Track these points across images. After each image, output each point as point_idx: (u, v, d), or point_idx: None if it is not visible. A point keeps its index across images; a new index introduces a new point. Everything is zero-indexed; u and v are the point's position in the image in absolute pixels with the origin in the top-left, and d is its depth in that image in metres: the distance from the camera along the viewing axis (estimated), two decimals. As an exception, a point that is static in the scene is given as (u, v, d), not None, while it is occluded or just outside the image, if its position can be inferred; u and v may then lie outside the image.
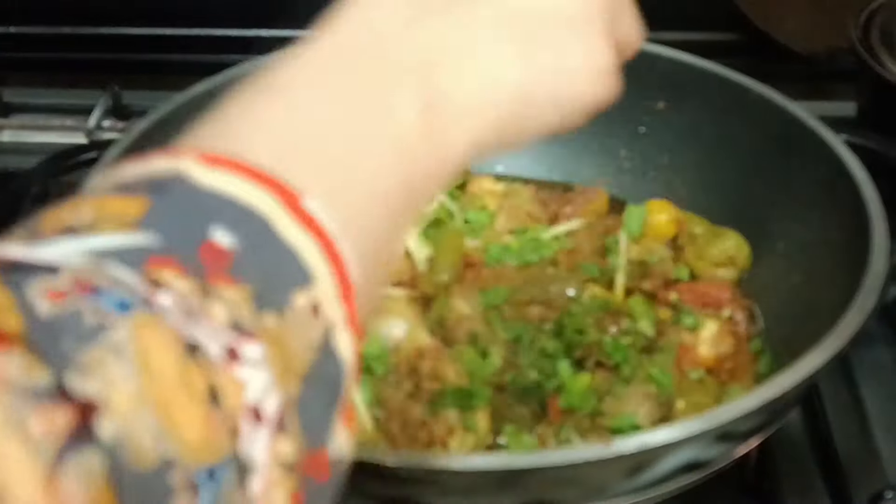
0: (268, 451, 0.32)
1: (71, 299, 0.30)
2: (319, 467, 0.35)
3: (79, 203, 0.35)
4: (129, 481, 0.29)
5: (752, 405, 0.68)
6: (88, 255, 0.31)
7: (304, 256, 0.35)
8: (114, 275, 0.31)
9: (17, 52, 1.40)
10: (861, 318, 0.75)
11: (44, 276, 0.30)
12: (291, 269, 0.35)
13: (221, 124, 0.41)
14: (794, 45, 1.35)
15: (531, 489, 0.68)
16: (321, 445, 0.35)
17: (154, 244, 0.33)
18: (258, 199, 0.35)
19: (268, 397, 0.32)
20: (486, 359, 0.88)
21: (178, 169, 0.36)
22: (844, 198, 0.87)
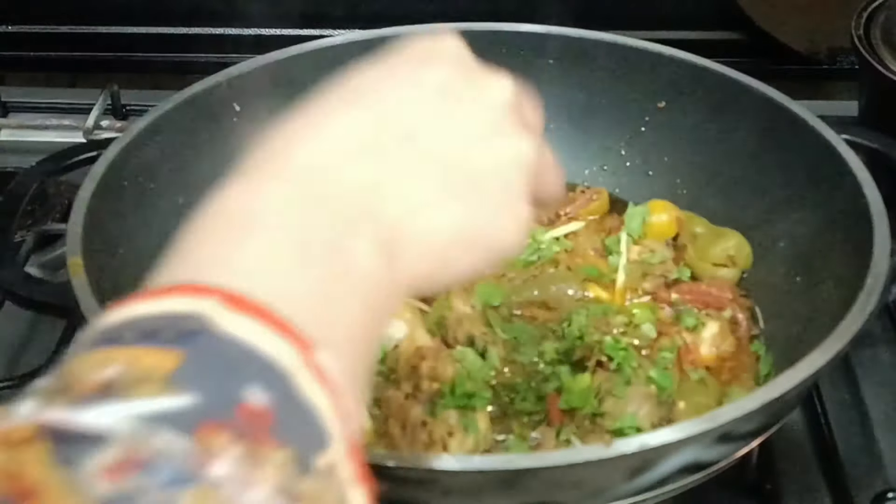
0: None
1: (126, 478, 0.30)
2: None
3: (110, 355, 0.34)
4: None
5: (752, 406, 0.68)
6: (137, 420, 0.32)
7: (323, 417, 0.36)
8: (165, 443, 0.31)
9: (16, 51, 1.40)
10: (862, 318, 0.74)
11: (95, 450, 0.30)
12: (315, 430, 0.36)
13: (200, 257, 0.41)
14: (796, 44, 1.34)
15: (531, 490, 0.68)
16: None
17: (199, 406, 0.33)
18: (280, 352, 0.36)
19: None
20: (486, 359, 0.87)
21: (201, 312, 0.36)
22: (846, 197, 0.87)
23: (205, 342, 0.35)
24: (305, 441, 0.35)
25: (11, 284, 0.83)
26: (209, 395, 0.33)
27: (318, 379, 0.37)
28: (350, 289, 0.42)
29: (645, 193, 1.07)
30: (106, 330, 0.36)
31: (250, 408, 0.34)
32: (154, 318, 0.36)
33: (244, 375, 0.35)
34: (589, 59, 1.06)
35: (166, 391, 0.33)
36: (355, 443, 0.38)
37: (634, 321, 0.93)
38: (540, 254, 1.00)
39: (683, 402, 0.84)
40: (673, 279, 0.99)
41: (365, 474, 0.38)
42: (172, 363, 0.34)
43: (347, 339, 0.41)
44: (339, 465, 0.36)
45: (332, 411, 0.37)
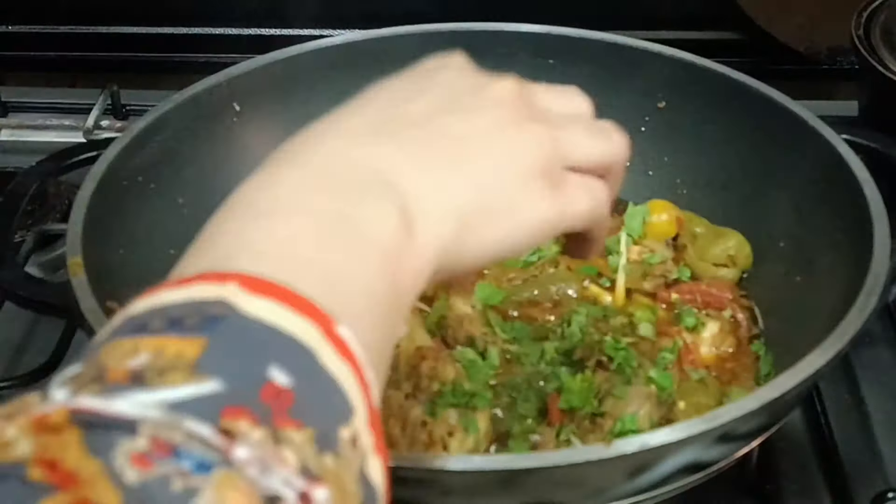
0: None
1: (155, 465, 0.31)
2: None
3: (138, 344, 0.36)
4: None
5: (753, 406, 0.68)
6: (163, 408, 0.33)
7: (345, 389, 0.38)
8: (190, 430, 0.33)
9: (15, 51, 1.40)
10: (862, 318, 0.74)
11: (125, 437, 0.32)
12: (338, 403, 0.37)
13: (221, 249, 0.42)
14: (796, 44, 1.34)
15: (531, 490, 0.68)
16: None
17: (223, 392, 0.34)
18: (303, 330, 0.37)
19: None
20: (486, 359, 0.87)
21: (223, 297, 0.37)
22: (846, 197, 0.87)
23: (227, 327, 0.36)
24: (328, 416, 0.36)
25: (11, 284, 0.83)
26: (232, 380, 0.35)
27: (340, 352, 0.38)
28: (368, 258, 0.43)
29: (645, 193, 1.07)
30: (134, 317, 0.38)
31: (274, 387, 0.35)
32: (179, 305, 0.37)
33: (267, 356, 0.36)
34: (589, 59, 1.06)
35: (191, 379, 0.34)
36: (375, 410, 0.40)
37: (634, 321, 0.93)
38: (540, 254, 1.00)
39: (683, 403, 0.84)
40: (673, 279, 0.99)
41: (382, 444, 0.39)
42: (197, 350, 0.35)
43: (367, 308, 0.42)
44: (361, 435, 0.38)
45: (354, 382, 0.38)
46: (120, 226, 0.89)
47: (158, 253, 0.86)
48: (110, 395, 0.33)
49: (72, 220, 0.83)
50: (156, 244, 0.88)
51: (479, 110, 0.51)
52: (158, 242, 0.88)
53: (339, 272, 0.42)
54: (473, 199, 0.49)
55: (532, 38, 1.07)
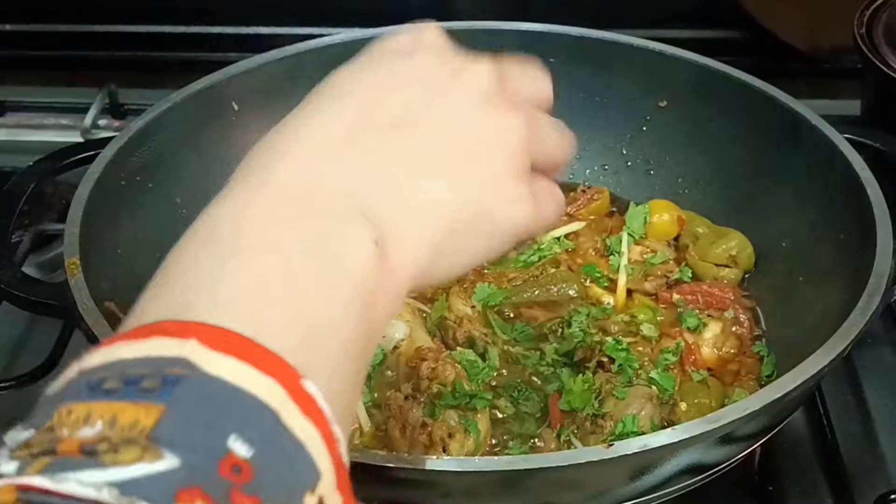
0: None
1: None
2: None
3: (92, 409, 0.34)
4: None
5: (755, 407, 0.68)
6: (116, 488, 0.32)
7: (310, 451, 0.36)
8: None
9: (13, 50, 1.40)
10: (865, 318, 0.74)
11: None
12: (302, 469, 0.36)
13: (184, 290, 0.40)
14: (798, 43, 1.34)
15: (532, 491, 0.68)
16: None
17: (178, 470, 0.33)
18: (266, 389, 0.36)
19: None
20: (486, 360, 0.87)
21: (183, 356, 0.36)
22: (848, 197, 0.87)
23: (187, 391, 0.35)
24: (290, 485, 0.35)
25: (8, 285, 0.82)
26: (190, 455, 0.33)
27: (305, 410, 0.36)
28: (342, 299, 0.41)
29: (646, 193, 1.07)
30: (89, 372, 0.36)
31: (233, 460, 0.34)
32: (137, 362, 0.36)
33: (228, 424, 0.34)
34: (590, 58, 1.06)
35: (146, 455, 0.33)
36: (343, 468, 0.38)
37: (636, 322, 0.92)
38: (541, 254, 0.99)
39: (685, 403, 0.84)
40: (674, 279, 0.98)
41: (351, 501, 0.38)
42: (153, 418, 0.34)
43: (339, 354, 0.40)
44: (328, 499, 0.36)
45: (321, 442, 0.37)
46: (118, 226, 0.88)
47: (156, 253, 0.86)
48: (61, 472, 0.32)
49: (69, 220, 0.83)
50: (154, 244, 0.87)
51: (457, 106, 0.49)
52: (156, 242, 0.87)
53: (310, 318, 0.40)
54: (452, 217, 0.47)
55: (532, 37, 1.07)
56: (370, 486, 0.68)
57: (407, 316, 0.91)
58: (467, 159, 0.48)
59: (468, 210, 0.48)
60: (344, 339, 0.41)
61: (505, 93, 0.51)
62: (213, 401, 0.35)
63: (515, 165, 0.50)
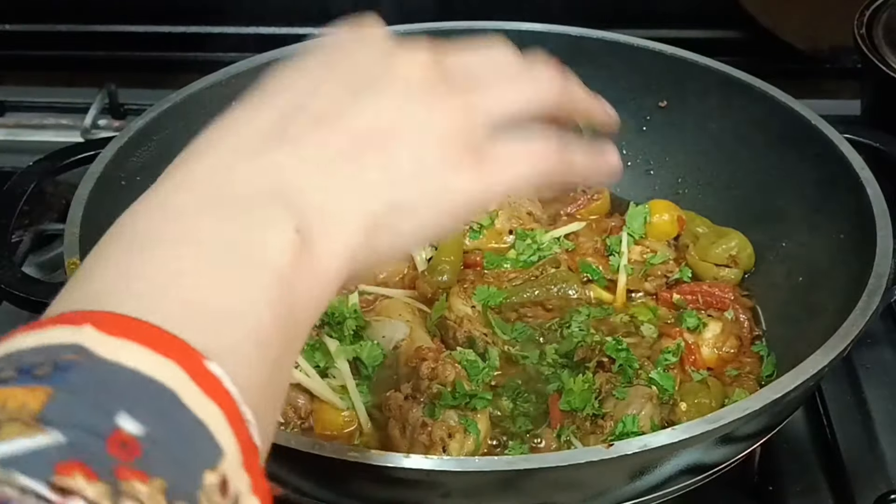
0: None
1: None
2: None
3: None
4: None
5: (755, 406, 0.68)
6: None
7: (212, 430, 0.36)
8: (24, 485, 0.31)
9: (13, 50, 1.40)
10: (865, 318, 0.74)
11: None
12: (202, 446, 0.36)
13: (97, 284, 0.40)
14: (798, 42, 1.34)
15: (532, 492, 0.68)
16: None
17: (60, 446, 0.33)
18: (164, 370, 0.36)
19: None
20: (486, 360, 0.87)
21: (78, 342, 0.36)
22: (848, 197, 0.87)
23: (77, 374, 0.35)
24: (187, 463, 0.35)
25: (9, 285, 0.82)
26: (75, 432, 0.33)
27: (208, 391, 0.36)
28: (258, 288, 0.41)
29: (646, 193, 1.07)
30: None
31: (121, 437, 0.34)
32: (32, 351, 0.36)
33: (118, 403, 0.34)
34: (589, 58, 1.06)
35: (28, 431, 0.33)
36: (253, 449, 0.38)
37: (636, 322, 0.92)
38: (541, 254, 0.99)
39: (685, 403, 0.84)
40: (674, 279, 0.98)
41: (261, 484, 0.38)
42: (41, 401, 0.34)
43: (254, 342, 0.40)
44: (233, 477, 0.36)
45: (225, 423, 0.36)
46: (118, 226, 0.88)
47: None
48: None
49: (69, 220, 0.83)
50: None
51: (387, 94, 0.48)
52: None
53: (222, 306, 0.40)
54: (384, 199, 0.46)
55: (532, 37, 1.07)
56: (369, 485, 0.68)
57: (407, 316, 0.91)
58: (397, 147, 0.47)
59: (400, 194, 0.47)
60: (259, 326, 0.41)
61: (444, 76, 0.50)
62: (105, 382, 0.35)
63: (453, 147, 0.48)
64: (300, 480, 0.71)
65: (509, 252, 1.01)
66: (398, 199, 0.47)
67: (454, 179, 0.48)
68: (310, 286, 0.43)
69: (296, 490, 0.72)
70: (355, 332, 0.88)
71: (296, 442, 0.65)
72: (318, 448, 0.65)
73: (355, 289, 0.96)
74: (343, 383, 0.85)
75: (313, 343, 0.87)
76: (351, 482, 0.68)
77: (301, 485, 0.72)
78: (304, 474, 0.70)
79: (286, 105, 0.47)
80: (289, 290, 0.42)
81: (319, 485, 0.71)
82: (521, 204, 1.05)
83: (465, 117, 0.49)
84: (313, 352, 0.87)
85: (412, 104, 0.48)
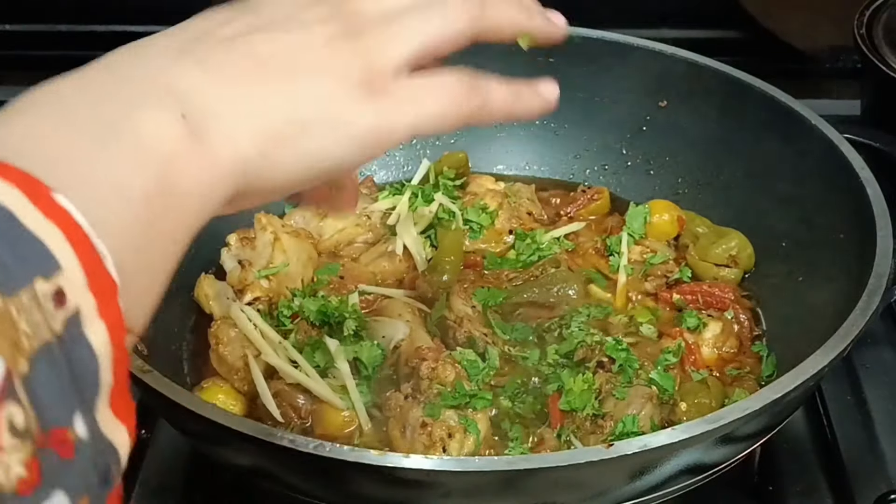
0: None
1: None
2: (62, 445, 0.36)
3: None
4: None
5: (755, 406, 0.68)
6: None
7: (50, 246, 0.37)
8: None
9: (13, 50, 1.40)
10: (865, 318, 0.74)
11: None
12: (35, 258, 0.37)
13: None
14: (798, 42, 1.34)
15: (532, 491, 0.68)
16: (62, 425, 0.36)
17: None
18: (4, 193, 0.37)
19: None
20: (486, 360, 0.87)
21: None
22: (848, 197, 0.87)
23: None
24: (13, 268, 0.36)
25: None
26: None
27: (50, 215, 0.37)
28: (127, 155, 0.42)
29: (646, 193, 1.07)
30: None
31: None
32: None
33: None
34: (590, 59, 1.06)
35: None
36: (107, 281, 0.39)
37: (635, 322, 0.92)
38: (541, 254, 1.00)
39: (685, 403, 0.84)
40: (674, 279, 0.98)
41: (110, 311, 0.39)
42: None
43: (121, 198, 0.41)
44: (73, 295, 0.37)
45: (65, 243, 0.38)
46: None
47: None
48: None
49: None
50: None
51: (293, 31, 0.50)
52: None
53: (85, 160, 0.41)
54: (281, 113, 0.48)
55: (532, 37, 1.07)
56: (370, 485, 0.68)
57: (407, 316, 0.91)
58: (298, 77, 0.49)
59: (298, 114, 0.48)
60: (126, 187, 0.42)
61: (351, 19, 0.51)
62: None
63: (353, 84, 0.49)
64: (300, 480, 0.72)
65: (509, 252, 1.01)
66: (296, 118, 0.48)
67: (355, 109, 0.49)
68: (197, 172, 0.45)
69: (296, 490, 0.72)
70: (355, 333, 0.88)
71: (296, 442, 0.65)
72: (318, 448, 0.65)
73: (355, 289, 0.96)
74: (343, 383, 0.85)
75: (313, 343, 0.87)
76: (351, 482, 0.68)
77: (301, 485, 0.72)
78: (304, 474, 0.70)
79: (199, 30, 0.49)
80: (169, 169, 0.43)
81: (319, 485, 0.71)
82: (521, 204, 1.05)
83: (368, 58, 0.50)
84: (313, 352, 0.87)
85: (315, 45, 0.49)
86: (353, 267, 1.00)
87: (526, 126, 1.12)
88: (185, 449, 0.90)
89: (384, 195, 1.04)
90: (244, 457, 0.73)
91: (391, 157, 1.13)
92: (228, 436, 0.67)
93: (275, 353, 0.87)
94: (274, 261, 0.96)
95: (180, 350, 0.93)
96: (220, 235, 0.99)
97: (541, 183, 1.10)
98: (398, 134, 0.51)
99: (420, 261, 0.99)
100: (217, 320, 0.92)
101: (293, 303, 0.92)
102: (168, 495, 0.87)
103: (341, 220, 1.02)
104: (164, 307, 0.45)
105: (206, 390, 0.87)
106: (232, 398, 0.87)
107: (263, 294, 0.94)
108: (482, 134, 1.12)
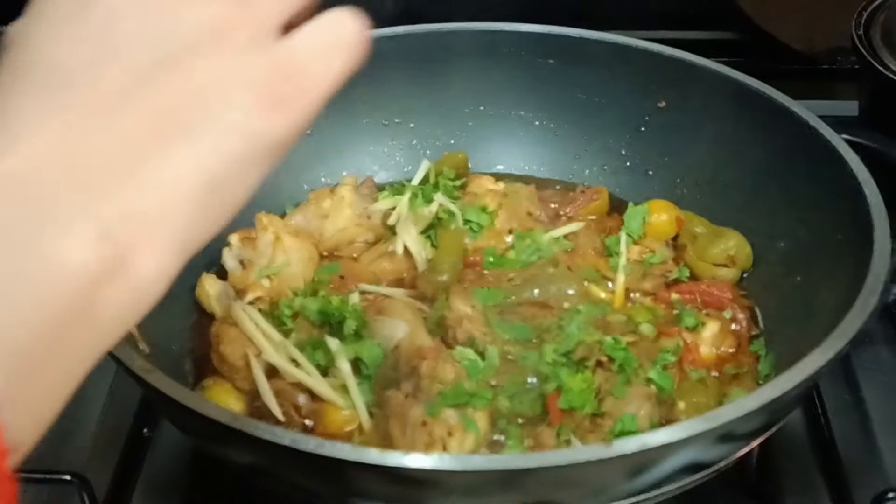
0: None
1: None
2: None
3: None
4: None
5: (753, 406, 0.68)
6: None
7: None
8: None
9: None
10: (863, 318, 0.74)
11: None
12: None
13: None
14: (796, 44, 1.34)
15: (531, 490, 0.68)
16: None
17: None
18: None
19: None
20: (486, 359, 0.87)
21: None
22: (846, 197, 0.87)
23: None
24: None
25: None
26: None
27: None
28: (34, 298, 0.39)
29: (645, 193, 1.07)
30: None
31: None
32: None
33: None
34: (589, 59, 1.06)
35: None
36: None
37: (634, 321, 0.93)
38: (540, 254, 1.00)
39: (683, 402, 0.84)
40: (673, 279, 0.99)
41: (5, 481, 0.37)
42: None
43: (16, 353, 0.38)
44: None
45: None
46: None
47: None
48: None
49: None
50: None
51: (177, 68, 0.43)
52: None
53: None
54: (202, 181, 0.43)
55: (532, 38, 1.07)
56: (370, 484, 0.69)
57: (407, 315, 0.92)
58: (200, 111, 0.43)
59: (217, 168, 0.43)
60: (23, 338, 0.39)
61: None
62: None
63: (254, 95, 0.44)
64: (301, 479, 0.72)
65: (509, 252, 1.01)
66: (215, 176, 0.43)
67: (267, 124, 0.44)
68: (116, 290, 0.41)
69: (297, 489, 0.73)
70: (356, 332, 0.89)
71: (297, 441, 0.66)
72: (319, 447, 0.65)
73: (356, 288, 0.96)
74: (344, 382, 0.85)
75: (314, 342, 0.88)
76: (351, 481, 0.68)
77: (302, 483, 0.72)
78: (305, 473, 0.71)
79: (75, 93, 0.42)
80: (83, 298, 0.40)
81: (320, 483, 0.71)
82: (520, 204, 1.05)
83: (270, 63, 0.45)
84: (314, 351, 0.87)
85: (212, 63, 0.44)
86: (354, 266, 1.00)
87: (526, 126, 1.12)
88: (187, 448, 0.90)
89: (384, 195, 1.04)
90: (245, 456, 0.73)
91: (391, 157, 1.13)
92: (230, 435, 0.67)
93: (276, 352, 0.87)
94: (275, 260, 0.96)
95: (182, 349, 0.93)
96: (221, 235, 0.99)
97: (540, 183, 1.10)
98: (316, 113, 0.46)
99: (420, 261, 0.99)
100: (218, 320, 0.93)
101: (294, 302, 0.92)
102: (170, 494, 0.88)
103: (342, 220, 1.02)
104: (166, 307, 0.44)
105: (208, 389, 0.88)
106: (233, 397, 0.87)
107: (265, 293, 0.95)
108: (482, 134, 1.12)
